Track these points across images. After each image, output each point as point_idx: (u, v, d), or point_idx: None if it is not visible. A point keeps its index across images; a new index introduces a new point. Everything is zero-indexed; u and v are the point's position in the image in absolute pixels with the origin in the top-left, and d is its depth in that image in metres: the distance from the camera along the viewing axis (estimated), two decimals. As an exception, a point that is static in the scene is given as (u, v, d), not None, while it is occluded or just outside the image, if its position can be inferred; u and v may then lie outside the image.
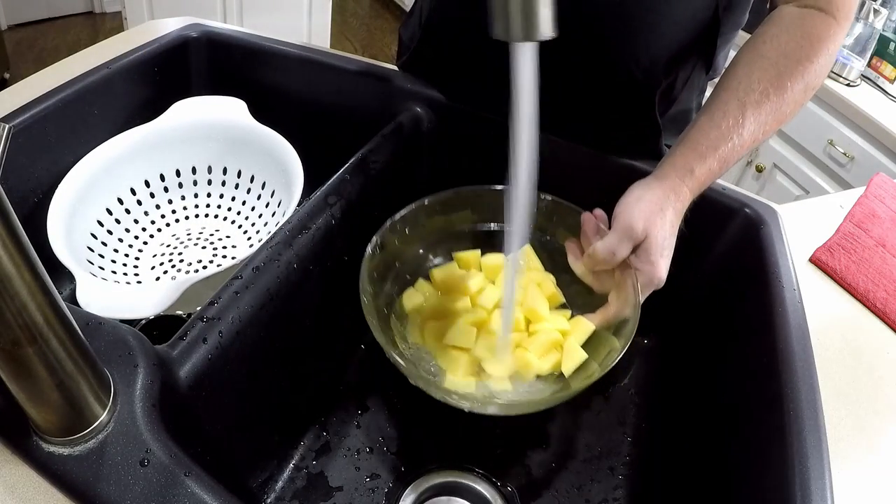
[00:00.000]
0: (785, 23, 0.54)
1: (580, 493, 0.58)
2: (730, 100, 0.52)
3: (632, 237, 0.49)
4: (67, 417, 0.32)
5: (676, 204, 0.51)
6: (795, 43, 0.52)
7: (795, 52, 0.52)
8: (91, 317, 0.38)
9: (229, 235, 0.71)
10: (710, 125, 0.52)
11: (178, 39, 0.74)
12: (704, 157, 0.51)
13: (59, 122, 0.60)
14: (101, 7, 2.96)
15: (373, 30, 3.34)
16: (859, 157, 1.43)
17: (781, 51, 0.53)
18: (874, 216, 0.73)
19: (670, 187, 0.51)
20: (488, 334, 0.51)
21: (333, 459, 0.57)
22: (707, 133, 0.52)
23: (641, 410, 0.66)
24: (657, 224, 0.49)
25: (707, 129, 0.52)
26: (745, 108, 0.51)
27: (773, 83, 0.52)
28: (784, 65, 0.52)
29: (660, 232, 0.49)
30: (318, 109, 0.76)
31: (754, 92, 0.51)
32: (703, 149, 0.51)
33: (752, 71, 0.52)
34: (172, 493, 0.32)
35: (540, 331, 0.51)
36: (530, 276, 0.56)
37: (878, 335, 0.59)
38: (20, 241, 0.26)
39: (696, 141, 0.52)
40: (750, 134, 0.51)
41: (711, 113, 0.52)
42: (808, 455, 0.41)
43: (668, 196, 0.51)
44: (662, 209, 0.50)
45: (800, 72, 0.52)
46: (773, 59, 0.52)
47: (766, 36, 0.54)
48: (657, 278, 0.50)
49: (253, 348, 0.46)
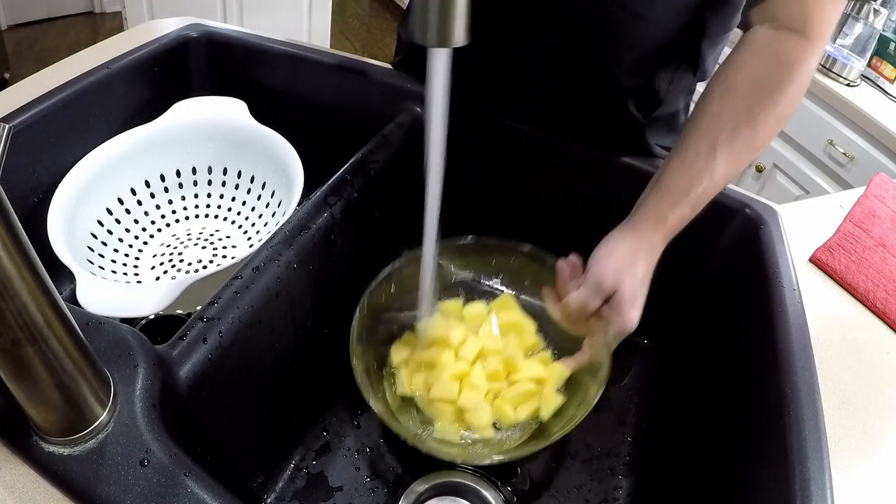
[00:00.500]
0: (757, 47, 0.53)
1: (580, 493, 0.58)
2: (701, 139, 0.52)
3: (601, 291, 0.51)
4: (67, 417, 0.32)
5: (649, 256, 0.52)
6: (767, 71, 0.52)
7: (766, 82, 0.51)
8: (91, 317, 0.38)
9: (229, 235, 0.71)
10: (682, 169, 0.52)
11: (178, 39, 0.74)
12: (677, 204, 0.52)
13: (59, 122, 0.60)
14: (101, 7, 2.96)
15: (373, 30, 3.34)
16: (859, 157, 1.43)
17: (752, 82, 0.52)
18: (874, 216, 0.73)
19: (642, 239, 0.53)
20: (471, 387, 0.54)
21: (333, 459, 0.57)
22: (679, 178, 0.52)
23: (641, 410, 0.66)
24: (626, 279, 0.51)
25: (679, 174, 0.52)
26: (716, 147, 0.51)
27: (743, 118, 0.51)
28: (755, 98, 0.51)
29: (629, 286, 0.51)
30: (318, 109, 0.76)
31: (725, 130, 0.51)
32: (675, 196, 0.52)
33: (722, 106, 0.52)
34: (172, 493, 0.32)
35: (518, 381, 0.55)
36: (510, 325, 0.59)
37: (878, 335, 0.59)
38: (20, 241, 0.26)
39: (669, 187, 0.52)
40: (722, 174, 0.51)
41: (682, 155, 0.53)
42: (808, 455, 0.41)
43: (640, 249, 0.52)
44: (633, 263, 0.51)
45: (771, 104, 0.51)
46: (743, 93, 0.52)
47: (737, 64, 0.53)
48: (627, 327, 0.52)
49: (253, 348, 0.46)
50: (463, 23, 0.36)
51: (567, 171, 0.69)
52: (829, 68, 1.52)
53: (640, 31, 0.60)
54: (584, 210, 0.70)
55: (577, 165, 0.68)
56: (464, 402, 0.53)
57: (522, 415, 0.53)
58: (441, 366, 0.55)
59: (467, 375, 0.54)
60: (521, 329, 0.59)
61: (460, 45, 0.37)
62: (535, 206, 0.73)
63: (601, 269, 0.52)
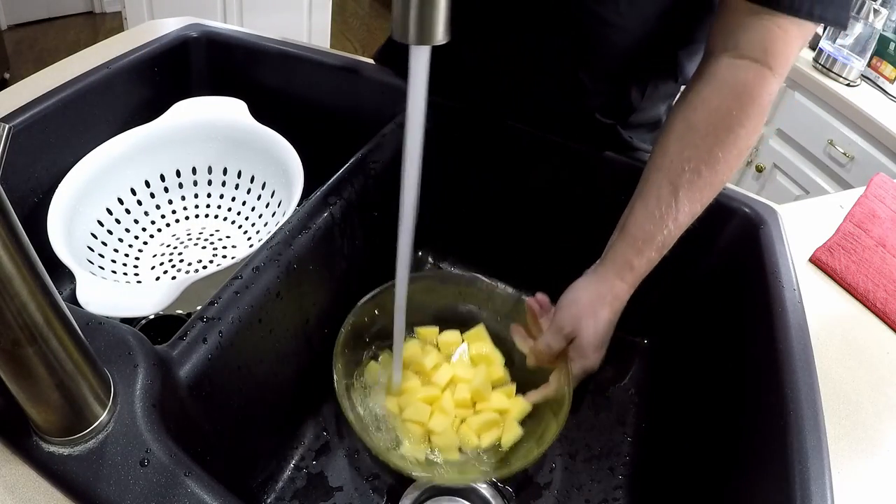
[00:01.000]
0: (717, 80, 0.52)
1: (580, 493, 0.58)
2: (662, 183, 0.52)
3: (564, 337, 0.55)
4: (67, 417, 0.32)
5: (614, 302, 0.55)
6: (726, 107, 0.51)
7: (726, 120, 0.51)
8: (91, 317, 0.38)
9: (229, 235, 0.71)
10: (645, 215, 0.53)
11: (178, 39, 0.74)
12: (642, 251, 0.54)
13: (59, 122, 0.60)
14: (101, 7, 2.96)
15: (373, 30, 3.34)
16: (859, 157, 1.43)
17: (712, 119, 0.51)
18: (874, 216, 0.73)
19: (607, 288, 0.55)
20: (440, 411, 0.57)
21: (333, 459, 0.57)
22: (643, 225, 0.53)
23: (641, 410, 0.66)
24: (589, 325, 0.54)
25: (643, 220, 0.53)
26: (678, 190, 0.52)
27: (704, 159, 0.51)
28: (714, 136, 0.51)
29: (590, 332, 0.55)
30: (318, 109, 0.76)
31: (685, 172, 0.51)
32: (640, 244, 0.53)
33: (683, 148, 0.52)
34: (172, 493, 0.32)
35: (483, 410, 0.58)
36: (481, 357, 0.62)
37: (878, 335, 0.59)
38: (20, 241, 0.26)
39: (633, 235, 0.54)
40: (686, 214, 0.52)
41: (646, 200, 0.53)
42: (808, 455, 0.41)
43: (604, 296, 0.55)
44: (595, 310, 0.55)
45: (732, 140, 0.51)
46: (702, 132, 0.51)
47: (696, 100, 0.52)
48: (588, 368, 0.56)
49: (253, 348, 0.46)
50: (443, 21, 0.37)
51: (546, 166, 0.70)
52: (829, 68, 1.52)
53: (610, 38, 0.60)
54: (563, 203, 0.71)
55: (556, 160, 0.69)
56: (433, 425, 0.56)
57: (485, 442, 0.56)
58: (413, 389, 0.58)
59: (438, 400, 0.58)
60: (491, 361, 0.62)
61: (441, 43, 0.38)
62: (513, 201, 0.74)
63: (563, 316, 0.56)
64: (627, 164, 0.66)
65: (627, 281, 0.55)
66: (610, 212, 0.57)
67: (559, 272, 0.59)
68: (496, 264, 0.77)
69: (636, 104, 0.67)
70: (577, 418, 0.64)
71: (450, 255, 0.80)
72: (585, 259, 0.58)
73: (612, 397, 0.67)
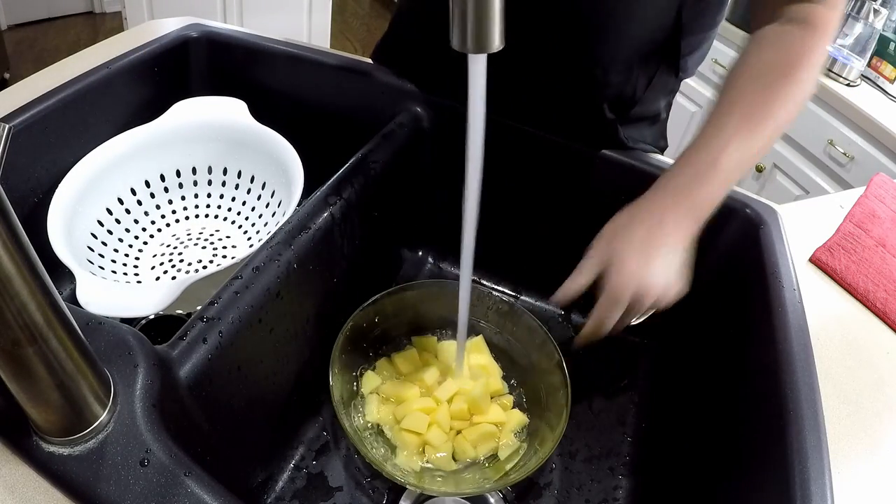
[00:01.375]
0: (767, 41, 0.54)
1: (580, 493, 0.58)
2: (724, 117, 0.52)
3: (592, 264, 0.51)
4: (67, 417, 0.32)
5: (649, 220, 0.51)
6: (778, 57, 0.53)
7: (781, 64, 0.52)
8: (91, 317, 0.38)
9: (229, 235, 0.71)
10: (703, 144, 0.52)
11: (178, 39, 0.74)
12: (699, 176, 0.51)
13: (59, 122, 0.60)
14: (101, 7, 2.96)
15: (373, 30, 3.34)
16: (859, 157, 1.43)
17: (768, 65, 0.53)
18: (874, 216, 0.73)
19: (645, 208, 0.52)
20: (436, 424, 0.57)
21: (333, 459, 0.57)
22: (700, 152, 0.52)
23: (641, 410, 0.66)
24: (616, 245, 0.50)
25: (701, 149, 0.52)
26: (739, 125, 0.51)
27: (760, 99, 0.52)
28: (772, 78, 0.52)
29: (619, 250, 0.50)
30: (318, 109, 0.76)
31: (746, 107, 0.52)
32: (695, 167, 0.52)
33: (743, 89, 0.53)
34: (172, 493, 0.32)
35: (480, 422, 0.58)
36: (480, 368, 0.62)
37: (878, 335, 0.59)
38: (20, 241, 0.26)
39: (690, 162, 0.52)
40: (736, 162, 0.51)
41: (705, 131, 0.52)
42: (808, 455, 0.41)
43: (638, 216, 0.51)
44: (627, 229, 0.51)
45: (784, 91, 0.51)
46: (761, 75, 0.52)
47: (749, 56, 0.54)
48: (616, 292, 0.49)
49: (253, 348, 0.46)
50: (499, 29, 0.38)
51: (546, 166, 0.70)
52: (829, 68, 1.52)
53: (623, 27, 0.61)
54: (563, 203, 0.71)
55: (556, 160, 0.69)
56: (430, 436, 0.56)
57: (481, 453, 0.56)
58: (412, 398, 0.58)
59: (435, 411, 0.57)
60: (489, 373, 0.62)
61: (496, 50, 0.39)
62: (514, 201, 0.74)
63: (592, 244, 0.52)
64: (628, 164, 0.66)
65: (680, 204, 0.51)
66: (610, 212, 0.57)
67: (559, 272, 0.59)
68: (496, 264, 0.77)
69: (638, 97, 0.67)
70: (577, 418, 0.64)
71: (450, 256, 0.80)
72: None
73: (612, 397, 0.67)
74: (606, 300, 0.50)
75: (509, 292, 0.78)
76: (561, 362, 0.57)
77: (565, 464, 0.60)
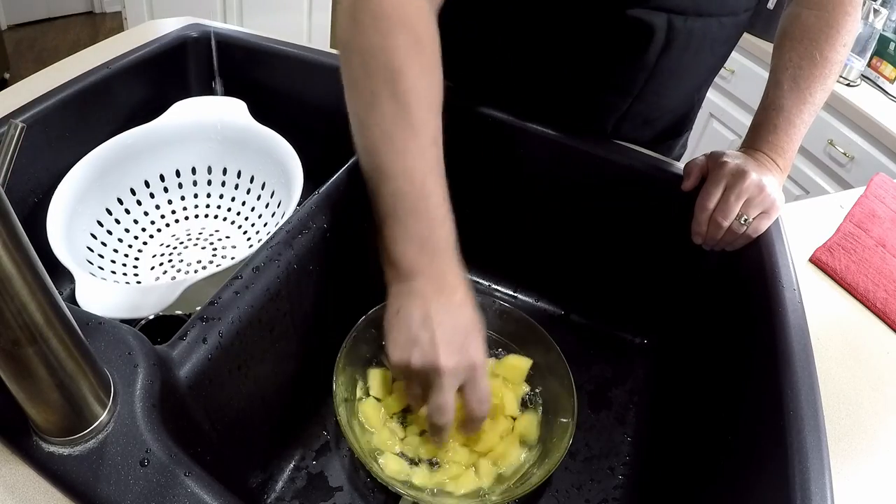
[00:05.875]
0: (800, 18, 0.65)
1: (580, 493, 0.58)
2: (779, 80, 0.64)
3: (728, 175, 0.59)
4: (67, 417, 0.32)
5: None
6: (816, 19, 0.64)
7: (821, 25, 0.64)
8: (91, 317, 0.38)
9: (229, 235, 0.71)
10: (778, 103, 0.64)
11: (178, 39, 0.74)
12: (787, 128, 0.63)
13: (59, 123, 0.60)
14: (101, 7, 2.96)
15: (373, 30, 3.33)
16: (859, 157, 1.43)
17: (810, 27, 0.64)
18: (874, 216, 0.73)
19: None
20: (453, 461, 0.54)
21: (333, 459, 0.57)
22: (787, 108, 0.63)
23: (641, 410, 0.66)
24: (729, 160, 0.61)
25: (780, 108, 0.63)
26: (789, 82, 0.63)
27: (809, 55, 0.63)
28: (816, 35, 0.64)
29: (732, 164, 0.60)
30: (318, 109, 0.76)
31: (790, 68, 0.64)
32: (784, 118, 0.63)
33: (792, 50, 0.64)
34: (172, 493, 0.32)
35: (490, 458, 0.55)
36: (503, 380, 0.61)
37: (878, 335, 0.59)
38: (20, 241, 0.26)
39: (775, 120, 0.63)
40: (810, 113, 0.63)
41: (774, 90, 0.64)
42: (808, 455, 0.41)
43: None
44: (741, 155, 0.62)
45: (833, 39, 0.63)
46: (807, 37, 0.64)
47: (788, 29, 0.66)
48: (745, 184, 0.58)
49: (253, 348, 0.46)
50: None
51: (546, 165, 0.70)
52: (829, 68, 1.52)
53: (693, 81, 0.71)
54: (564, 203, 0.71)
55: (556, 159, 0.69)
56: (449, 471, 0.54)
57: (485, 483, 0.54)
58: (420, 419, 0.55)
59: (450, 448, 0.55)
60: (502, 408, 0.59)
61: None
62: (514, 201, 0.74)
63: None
64: (628, 164, 0.66)
65: (771, 148, 0.62)
66: (610, 212, 0.57)
67: (559, 272, 0.59)
68: (496, 264, 0.77)
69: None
70: (577, 418, 0.64)
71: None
72: (586, 259, 0.58)
73: (612, 397, 0.67)
74: (733, 194, 0.59)
75: (509, 292, 0.78)
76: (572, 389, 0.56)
77: (565, 464, 0.60)
